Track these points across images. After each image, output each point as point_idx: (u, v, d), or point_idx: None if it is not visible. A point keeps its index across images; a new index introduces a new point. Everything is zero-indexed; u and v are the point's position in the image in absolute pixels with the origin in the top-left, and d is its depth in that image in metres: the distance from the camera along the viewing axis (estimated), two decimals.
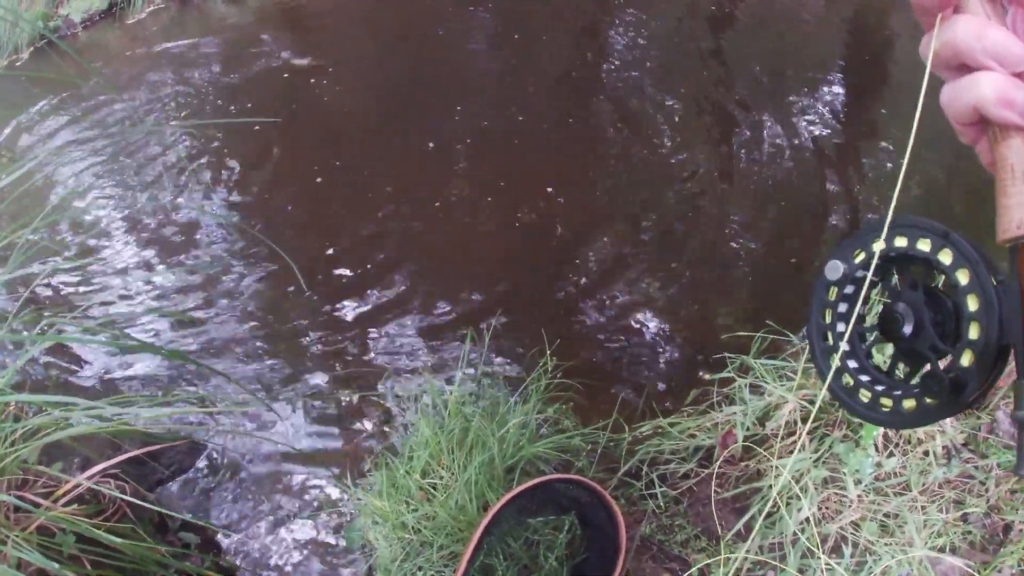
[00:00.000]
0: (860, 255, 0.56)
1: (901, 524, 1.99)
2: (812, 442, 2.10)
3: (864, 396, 0.57)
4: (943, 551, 1.96)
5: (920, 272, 0.54)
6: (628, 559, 2.08)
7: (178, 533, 2.61)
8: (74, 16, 5.82)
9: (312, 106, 4.57)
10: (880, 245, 0.55)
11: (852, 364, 0.59)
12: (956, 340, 0.50)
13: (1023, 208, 0.45)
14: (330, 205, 3.90)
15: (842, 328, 0.59)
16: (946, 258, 0.50)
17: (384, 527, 2.29)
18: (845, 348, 0.59)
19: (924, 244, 0.52)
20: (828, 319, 0.60)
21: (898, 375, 0.57)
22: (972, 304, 0.48)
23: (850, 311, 0.59)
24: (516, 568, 2.12)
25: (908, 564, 1.93)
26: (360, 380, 3.02)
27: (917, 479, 2.05)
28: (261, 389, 3.06)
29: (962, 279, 0.49)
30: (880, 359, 0.60)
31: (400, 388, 2.92)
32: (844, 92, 4.23)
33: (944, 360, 0.52)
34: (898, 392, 0.55)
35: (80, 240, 3.92)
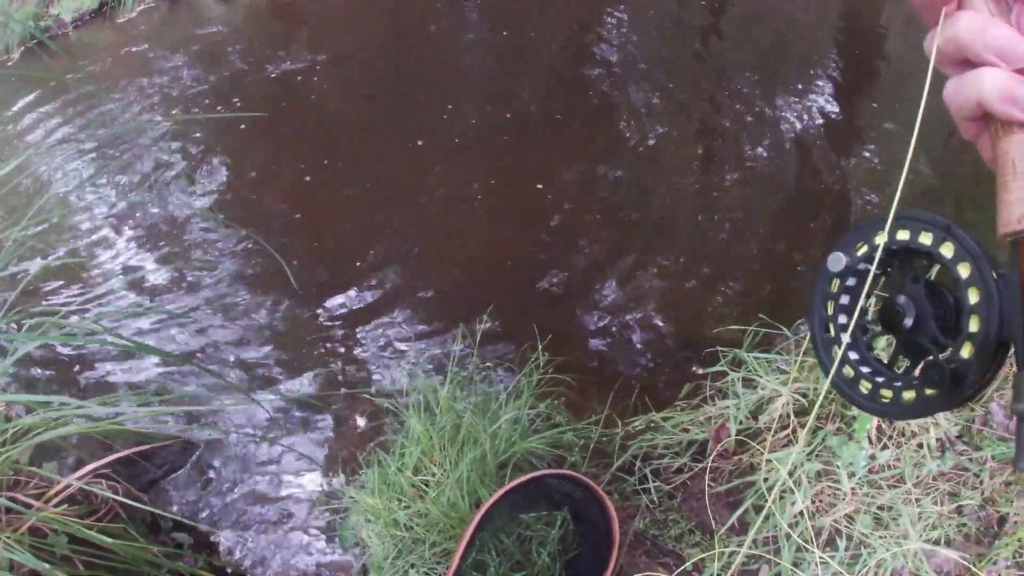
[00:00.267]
0: (863, 248, 0.57)
1: (895, 517, 1.98)
2: (805, 435, 2.09)
3: (864, 387, 0.57)
4: (938, 544, 1.95)
5: (922, 265, 0.54)
6: (622, 554, 2.07)
7: (171, 533, 2.59)
8: (65, 16, 5.81)
9: (302, 104, 4.56)
10: (883, 238, 0.55)
11: (853, 355, 0.59)
12: (956, 334, 0.50)
13: (1023, 203, 0.46)
14: (319, 203, 3.90)
15: (844, 320, 0.59)
16: (947, 251, 0.51)
17: (376, 525, 2.27)
18: (847, 340, 0.59)
19: (926, 237, 0.52)
20: (830, 310, 0.60)
21: (899, 368, 0.58)
22: (973, 297, 0.49)
23: (852, 303, 0.59)
24: (509, 564, 2.12)
25: (903, 557, 1.92)
26: (351, 377, 3.01)
27: (911, 472, 2.04)
28: (252, 388, 3.05)
29: (963, 272, 0.49)
30: (881, 351, 0.60)
31: (391, 385, 2.91)
32: (835, 86, 4.22)
33: (945, 354, 0.52)
34: (898, 383, 0.55)
35: (68, 238, 3.91)
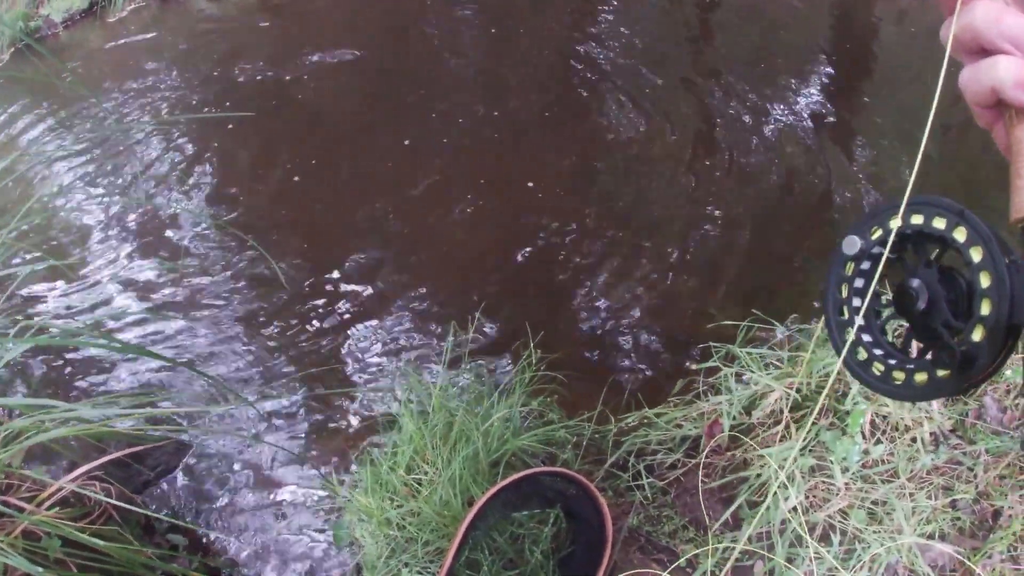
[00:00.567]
0: (877, 231, 0.57)
1: (889, 511, 1.98)
2: (799, 431, 2.08)
3: (877, 369, 0.58)
4: (932, 538, 1.95)
5: (935, 250, 0.55)
6: (615, 551, 2.07)
7: (165, 535, 2.58)
8: (55, 16, 5.79)
9: (292, 103, 4.54)
10: (897, 222, 0.56)
11: (866, 338, 0.60)
12: (968, 318, 0.51)
13: None
14: (309, 203, 3.89)
15: (858, 303, 0.60)
16: (960, 236, 0.52)
17: (370, 524, 2.26)
18: (860, 323, 0.60)
19: (939, 222, 0.53)
20: (844, 293, 0.61)
21: (911, 351, 0.58)
22: (984, 281, 0.50)
23: (866, 286, 0.60)
24: (502, 562, 2.11)
25: (897, 551, 1.92)
26: (344, 376, 3.00)
27: (905, 466, 2.04)
28: (244, 388, 3.04)
29: (975, 256, 0.50)
30: (895, 337, 0.61)
31: (384, 384, 2.90)
32: (827, 81, 4.22)
33: (957, 337, 0.52)
34: (910, 366, 0.56)
35: (56, 240, 3.89)
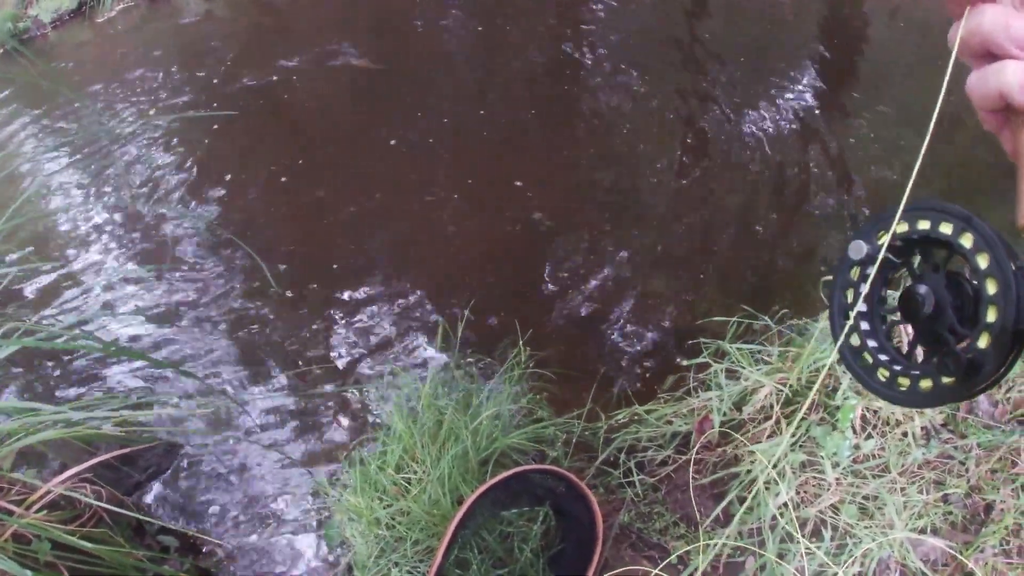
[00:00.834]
0: (883, 236, 0.57)
1: (881, 506, 1.97)
2: (789, 426, 2.07)
3: (882, 375, 0.58)
4: (924, 532, 1.94)
5: (942, 255, 0.55)
6: (606, 548, 2.06)
7: (157, 536, 2.57)
8: (43, 17, 5.76)
9: (279, 103, 4.53)
10: (903, 227, 0.55)
11: (872, 343, 0.60)
12: (975, 324, 0.51)
13: None
14: (296, 203, 3.87)
15: (863, 308, 0.60)
16: (967, 242, 0.51)
17: (359, 524, 2.25)
18: (865, 328, 0.60)
19: (946, 227, 0.53)
20: (850, 298, 0.61)
21: (916, 357, 0.58)
22: (991, 287, 0.49)
23: (871, 291, 0.60)
24: (491, 561, 2.10)
25: (889, 546, 1.91)
26: (332, 376, 3.00)
27: (896, 460, 2.03)
28: (232, 389, 3.03)
29: (982, 263, 0.50)
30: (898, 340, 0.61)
31: (373, 383, 2.89)
32: (817, 77, 4.22)
33: (963, 343, 0.52)
34: (916, 372, 0.55)
35: (42, 240, 3.87)
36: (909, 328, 0.57)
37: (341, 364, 3.04)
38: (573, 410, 2.46)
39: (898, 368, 0.57)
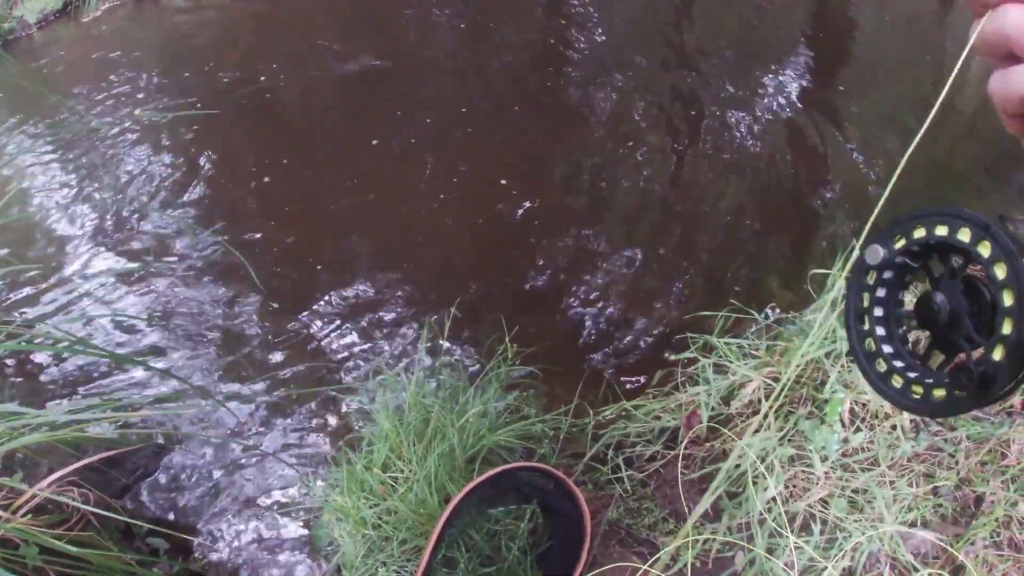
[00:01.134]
0: (901, 241, 0.56)
1: (870, 500, 1.97)
2: (777, 420, 2.06)
3: (896, 382, 0.57)
4: (914, 525, 1.94)
5: (960, 262, 0.53)
6: (595, 544, 2.04)
7: (146, 539, 2.55)
8: (28, 17, 5.72)
9: (262, 102, 4.51)
10: (920, 232, 0.54)
11: (887, 349, 0.59)
12: (991, 333, 0.50)
13: None
14: (280, 202, 3.85)
15: (879, 313, 0.59)
16: (985, 251, 0.50)
17: (347, 523, 2.24)
18: (881, 333, 0.59)
19: (964, 235, 0.51)
20: (866, 303, 0.60)
21: (932, 363, 0.57)
22: (1007, 299, 0.48)
23: (889, 295, 0.59)
24: (478, 559, 2.08)
25: (879, 540, 1.90)
26: (318, 375, 2.98)
27: (885, 453, 2.02)
28: (219, 389, 3.01)
29: (999, 274, 0.48)
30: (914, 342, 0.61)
31: (359, 381, 2.88)
32: (806, 69, 4.22)
33: (978, 351, 0.51)
34: (930, 380, 0.54)
35: (23, 240, 3.84)
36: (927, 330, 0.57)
37: (326, 363, 3.03)
38: (561, 407, 2.45)
39: (912, 376, 0.56)
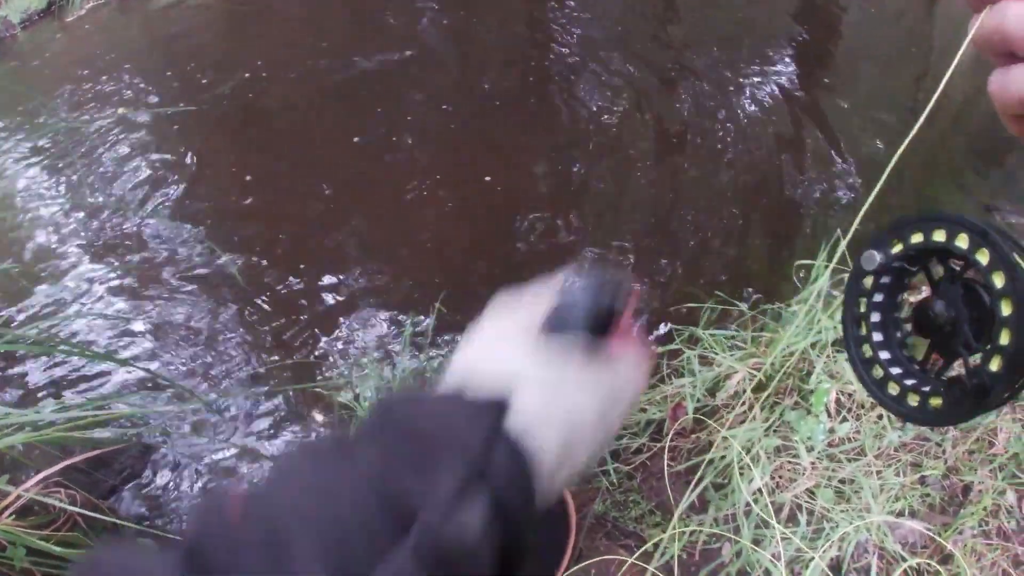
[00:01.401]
0: (898, 246, 0.55)
1: (857, 490, 1.97)
2: (763, 411, 2.06)
3: (893, 389, 0.57)
4: (902, 515, 1.94)
5: (958, 267, 0.52)
6: (581, 538, 2.04)
7: (134, 540, 2.54)
8: (12, 17, 5.69)
9: (245, 100, 4.49)
10: (917, 237, 0.53)
11: (884, 355, 0.58)
12: (989, 341, 0.49)
13: None
14: (263, 200, 3.83)
15: (876, 318, 0.59)
16: (983, 258, 0.48)
17: None
18: (878, 339, 0.58)
19: (962, 240, 0.50)
20: (863, 308, 0.59)
21: (931, 369, 0.57)
22: (1005, 309, 0.47)
23: (887, 300, 0.58)
24: None
25: (866, 530, 1.90)
26: (304, 373, 2.97)
27: (872, 443, 2.02)
28: (204, 388, 3.00)
29: (997, 282, 0.48)
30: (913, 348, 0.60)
31: (344, 379, 2.86)
32: (792, 61, 4.22)
33: (976, 357, 0.50)
34: (927, 388, 0.54)
35: (4, 242, 3.82)
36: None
37: (311, 361, 3.02)
38: None
39: (909, 383, 0.55)
